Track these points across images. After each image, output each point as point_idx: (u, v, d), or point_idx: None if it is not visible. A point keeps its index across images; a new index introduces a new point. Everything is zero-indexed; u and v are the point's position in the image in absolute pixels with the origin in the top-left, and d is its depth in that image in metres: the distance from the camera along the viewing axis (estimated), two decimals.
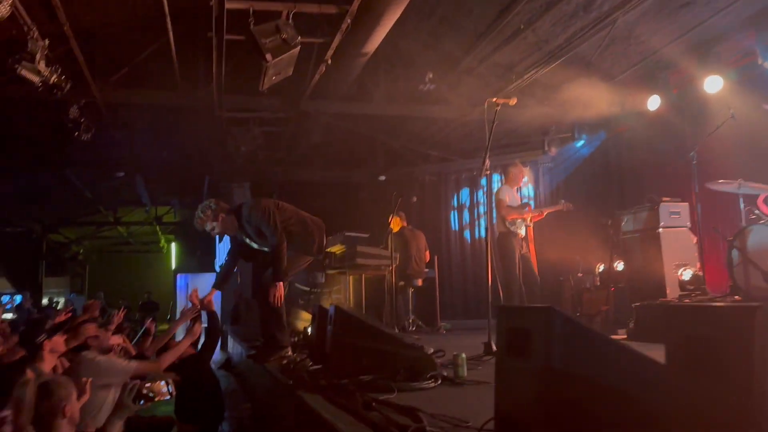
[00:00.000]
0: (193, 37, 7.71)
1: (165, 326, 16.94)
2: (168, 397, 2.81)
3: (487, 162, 5.05)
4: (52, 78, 6.98)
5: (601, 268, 8.52)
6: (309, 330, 6.32)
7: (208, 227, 5.12)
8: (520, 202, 7.46)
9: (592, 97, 8.50)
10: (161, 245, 23.71)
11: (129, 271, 23.80)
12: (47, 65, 6.82)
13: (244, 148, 9.48)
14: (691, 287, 6.47)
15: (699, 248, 6.54)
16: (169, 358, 4.75)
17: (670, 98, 8.27)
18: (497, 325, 2.08)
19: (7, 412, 2.79)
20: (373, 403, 2.93)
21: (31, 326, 5.45)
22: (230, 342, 11.17)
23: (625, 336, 6.31)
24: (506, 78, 8.57)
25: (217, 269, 18.37)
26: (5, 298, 24.95)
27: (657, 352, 2.00)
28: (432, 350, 4.88)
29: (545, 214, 7.58)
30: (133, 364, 4.36)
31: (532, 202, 9.93)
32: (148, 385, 2.75)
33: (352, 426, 2.64)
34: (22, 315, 12.19)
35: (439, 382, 3.63)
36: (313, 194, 14.00)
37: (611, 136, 9.89)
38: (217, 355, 12.04)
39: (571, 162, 10.60)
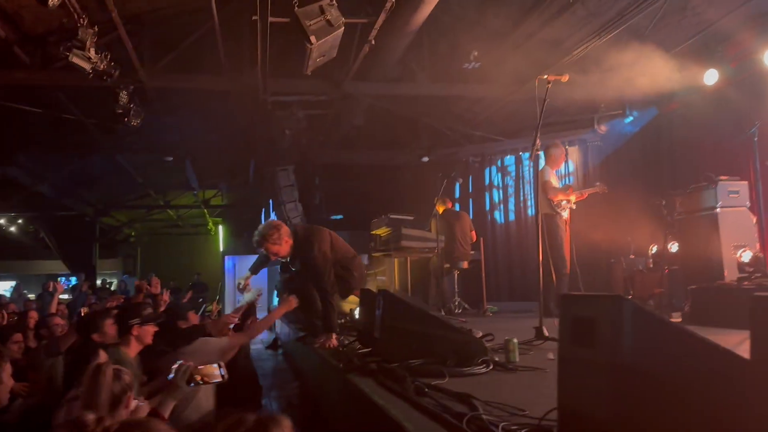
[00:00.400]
0: (238, 20, 7.73)
1: (210, 307, 17.37)
2: (220, 380, 2.82)
3: (538, 142, 4.89)
4: (102, 65, 7.13)
5: (654, 249, 8.25)
6: (356, 312, 6.33)
7: (272, 251, 4.94)
8: (559, 185, 7.31)
9: (644, 73, 8.16)
10: (209, 228, 24.19)
11: (179, 252, 24.36)
12: (97, 52, 6.97)
13: (288, 131, 9.51)
14: (751, 269, 6.18)
15: (759, 229, 6.26)
16: (261, 327, 4.93)
17: (728, 72, 7.88)
18: (560, 314, 2.00)
19: (76, 392, 2.87)
20: (426, 389, 2.89)
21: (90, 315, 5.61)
22: (278, 322, 11.33)
23: (680, 320, 6.12)
24: (554, 54, 8.30)
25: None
26: (62, 280, 26.02)
27: (718, 337, 1.90)
28: (481, 334, 4.82)
29: (586, 195, 7.42)
30: (225, 339, 4.47)
31: (570, 179, 9.72)
32: (200, 367, 2.76)
33: (405, 412, 2.61)
34: (79, 297, 12.62)
35: (491, 367, 3.57)
36: (356, 176, 14.04)
37: (664, 112, 9.51)
38: (265, 335, 12.29)
39: (621, 140, 10.25)
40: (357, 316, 6.07)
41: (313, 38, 6.07)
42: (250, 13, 6.94)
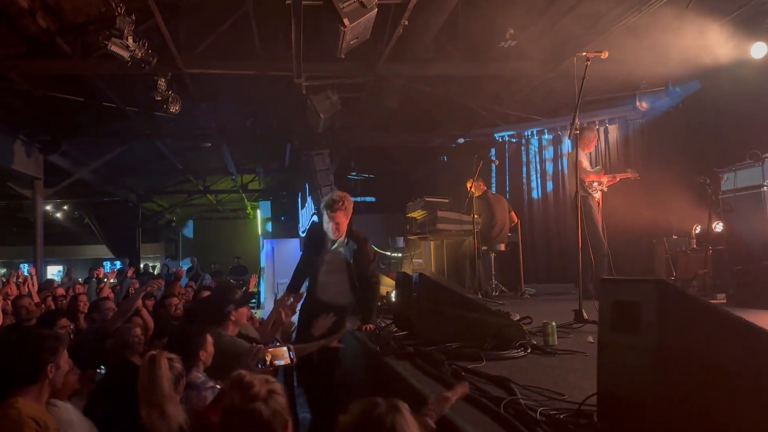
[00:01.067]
0: (272, 4, 7.73)
1: (254, 290, 17.68)
2: (289, 362, 2.85)
3: (577, 121, 4.78)
4: (140, 53, 7.24)
5: (697, 229, 8.02)
6: (392, 295, 6.35)
7: (331, 219, 4.70)
8: (591, 167, 7.18)
9: (687, 47, 7.88)
10: (248, 212, 24.53)
11: (219, 236, 24.80)
12: (134, 40, 7.08)
13: (323, 115, 9.51)
14: None
15: None
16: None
17: None
18: (600, 298, 1.96)
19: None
20: (463, 373, 2.89)
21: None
22: None
23: (725, 301, 5.96)
24: (593, 30, 8.07)
25: (301, 234, 18.87)
26: (107, 264, 26.82)
27: (763, 319, 1.83)
28: (519, 317, 4.79)
29: (618, 179, 7.30)
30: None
31: (609, 158, 9.51)
32: (271, 349, 2.79)
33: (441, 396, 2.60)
34: (125, 281, 12.96)
35: (529, 351, 3.54)
36: (391, 159, 14.01)
37: (709, 87, 9.18)
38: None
39: (664, 117, 9.94)
40: (393, 299, 6.08)
41: (346, 21, 6.03)
42: None
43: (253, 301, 15.63)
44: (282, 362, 2.83)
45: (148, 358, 2.71)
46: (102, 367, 3.65)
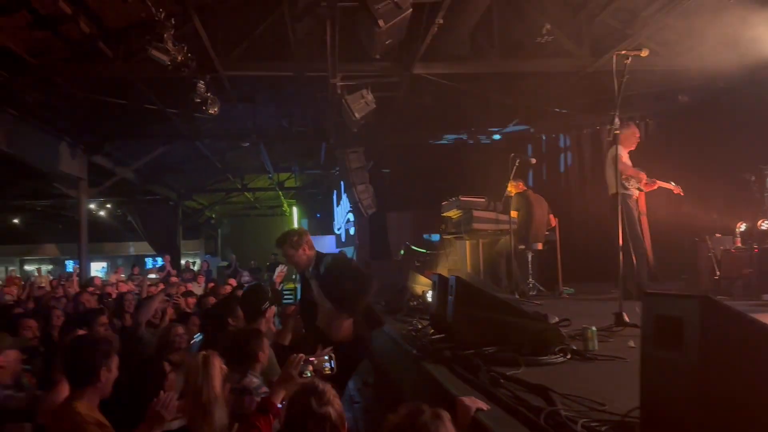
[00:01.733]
0: (307, 6, 7.78)
1: (291, 285, 17.87)
2: (329, 372, 2.87)
3: (617, 120, 4.69)
4: (180, 57, 7.38)
5: (742, 227, 7.78)
6: (428, 295, 6.35)
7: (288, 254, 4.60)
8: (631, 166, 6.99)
9: (731, 38, 7.62)
10: (284, 209, 24.81)
11: (256, 233, 25.13)
12: (174, 44, 7.22)
13: (357, 114, 9.54)
14: None
15: None
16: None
17: None
18: (643, 311, 1.93)
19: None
20: (501, 380, 2.87)
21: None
22: None
23: None
24: (632, 24, 7.90)
25: (336, 231, 19.01)
26: (148, 261, 27.49)
27: None
28: (557, 319, 4.73)
29: (657, 186, 7.08)
30: None
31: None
32: (311, 359, 2.83)
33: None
34: (166, 278, 13.28)
35: (568, 356, 3.49)
36: (426, 157, 13.96)
37: (754, 80, 8.87)
38: None
39: (706, 113, 9.66)
40: (429, 299, 6.08)
41: (381, 22, 6.04)
42: None
43: (290, 296, 15.81)
44: (323, 372, 2.86)
45: (202, 357, 2.74)
46: None
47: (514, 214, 7.60)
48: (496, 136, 11.89)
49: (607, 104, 9.94)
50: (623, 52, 4.63)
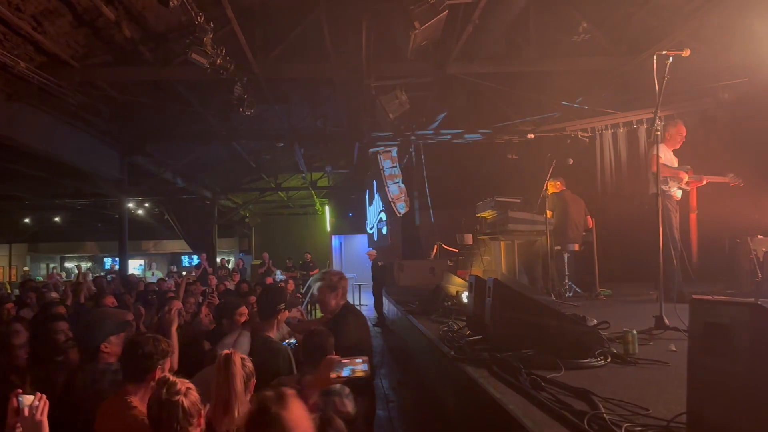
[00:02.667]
0: (342, 8, 7.85)
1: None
2: (363, 374, 2.91)
3: (658, 121, 4.62)
4: (218, 60, 7.52)
5: None
6: (463, 296, 6.34)
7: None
8: (676, 165, 6.81)
9: None
10: (317, 208, 25.02)
11: (289, 232, 25.41)
12: (213, 48, 7.36)
13: (391, 114, 9.58)
14: None
15: None
16: None
17: None
18: (690, 317, 1.92)
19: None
20: (542, 383, 2.87)
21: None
22: (386, 302, 11.61)
23: None
24: (672, 22, 7.76)
25: (368, 230, 19.10)
26: (184, 258, 27.99)
27: None
28: (595, 322, 4.69)
29: (705, 182, 6.85)
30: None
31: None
32: (345, 360, 2.87)
33: (523, 407, 2.60)
34: (203, 276, 13.50)
35: (609, 360, 3.47)
36: (461, 156, 13.93)
37: None
38: (371, 312, 12.66)
39: (745, 111, 9.40)
40: (465, 300, 6.08)
41: (417, 23, 6.06)
42: (355, 0, 7.04)
43: None
44: (359, 374, 2.89)
45: (223, 357, 2.80)
46: None
47: (549, 214, 7.53)
48: (530, 135, 11.77)
49: (645, 102, 9.79)
50: (664, 52, 4.56)
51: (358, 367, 2.82)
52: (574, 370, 3.25)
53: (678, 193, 6.73)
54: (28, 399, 2.09)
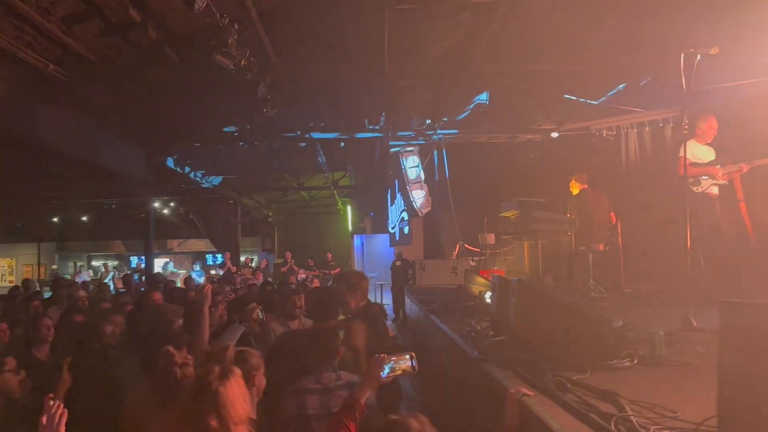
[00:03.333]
0: (365, 8, 7.85)
1: None
2: (411, 370, 2.92)
3: (686, 120, 4.55)
4: (242, 61, 7.59)
5: None
6: (486, 297, 6.32)
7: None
8: (713, 157, 6.64)
9: None
10: (339, 207, 25.10)
11: (311, 231, 25.53)
12: (237, 49, 7.43)
13: (413, 114, 9.58)
14: None
15: None
16: None
17: None
18: (720, 319, 1.89)
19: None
20: (568, 385, 2.85)
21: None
22: (407, 302, 11.61)
23: None
24: (702, 20, 7.62)
25: (390, 230, 19.11)
26: (208, 257, 28.30)
27: None
28: (621, 323, 4.64)
29: (746, 169, 6.54)
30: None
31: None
32: (394, 359, 2.88)
33: (549, 409, 2.59)
34: (227, 274, 13.68)
35: (635, 361, 3.43)
36: (483, 156, 13.85)
37: None
38: (391, 311, 12.70)
39: None
40: (488, 301, 6.06)
41: (440, 22, 6.05)
42: (377, 0, 7.04)
43: None
44: (405, 371, 2.90)
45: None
46: None
47: (571, 214, 7.47)
48: (555, 134, 11.67)
49: (669, 101, 9.64)
50: (692, 50, 4.49)
51: (407, 363, 2.84)
52: (599, 372, 3.22)
53: (714, 189, 6.56)
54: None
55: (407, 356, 2.86)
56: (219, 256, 22.43)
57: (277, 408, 3.01)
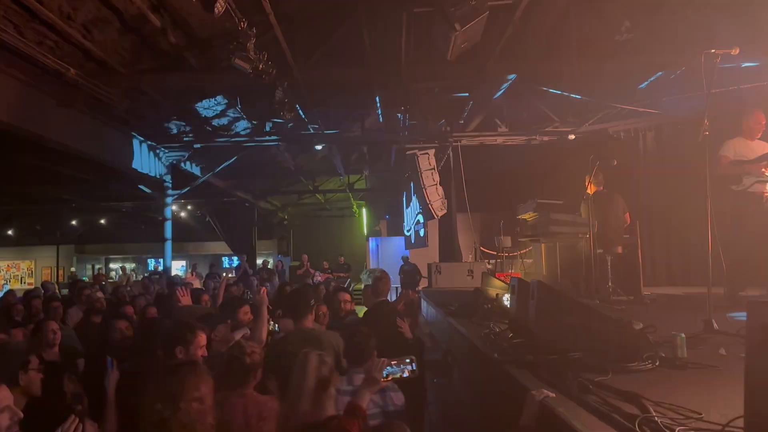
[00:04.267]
0: (382, 11, 7.89)
1: (359, 285, 18.09)
2: (411, 374, 2.93)
3: (706, 122, 4.51)
4: (261, 65, 7.65)
5: None
6: (504, 299, 6.29)
7: None
8: (760, 153, 6.43)
9: None
10: (354, 210, 25.16)
11: (327, 234, 25.62)
12: (255, 53, 7.49)
13: (430, 116, 9.60)
14: None
15: None
16: None
17: None
18: (748, 319, 1.88)
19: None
20: (590, 386, 2.84)
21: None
22: (424, 304, 11.59)
23: None
24: (720, 21, 7.56)
25: (405, 233, 19.13)
26: (224, 260, 28.47)
27: None
28: (641, 325, 4.61)
29: None
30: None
31: None
32: (394, 362, 2.89)
33: (571, 410, 2.58)
34: (243, 276, 13.73)
35: (657, 363, 3.40)
36: (499, 158, 13.84)
37: None
38: None
39: None
40: (505, 303, 6.03)
41: (457, 25, 6.06)
42: (394, 4, 7.07)
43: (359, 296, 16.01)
44: (404, 375, 2.90)
45: (303, 353, 2.85)
46: None
47: (586, 216, 7.40)
48: (572, 136, 11.63)
49: (690, 100, 9.55)
50: (713, 51, 4.46)
51: (406, 367, 2.84)
52: (621, 374, 3.20)
53: (759, 187, 6.31)
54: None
55: (408, 359, 2.87)
56: (235, 258, 22.56)
57: None
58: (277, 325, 4.64)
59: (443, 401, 6.15)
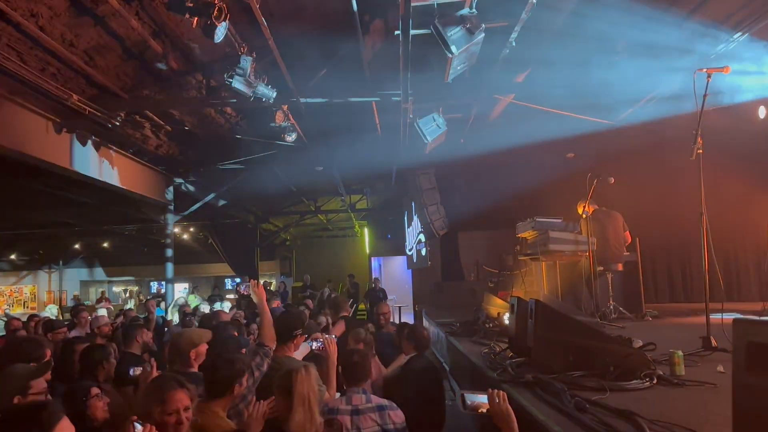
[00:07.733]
0: (381, 33, 8.00)
1: (362, 306, 18.05)
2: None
3: (699, 140, 4.57)
4: (261, 88, 7.76)
5: None
6: (505, 318, 6.30)
7: None
8: None
9: None
10: (356, 230, 25.18)
11: (329, 254, 25.62)
12: (256, 77, 7.61)
13: (429, 137, 9.66)
14: None
15: None
16: None
17: None
18: (733, 338, 1.90)
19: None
20: (586, 405, 2.85)
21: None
22: (425, 324, 11.57)
23: None
24: (712, 40, 7.64)
25: (407, 252, 19.14)
26: (227, 281, 28.46)
27: None
28: (641, 343, 4.62)
29: None
30: None
31: None
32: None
33: (567, 429, 2.59)
34: (242, 300, 13.72)
35: (655, 381, 3.42)
36: (499, 176, 13.86)
37: None
38: None
39: None
40: (507, 322, 6.04)
41: (454, 48, 6.14)
42: (393, 27, 7.17)
43: (363, 316, 16.01)
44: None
45: (300, 368, 2.91)
46: None
47: (586, 235, 7.42)
48: (570, 154, 11.67)
49: (690, 119, 9.58)
50: (704, 70, 4.52)
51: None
52: (619, 392, 3.21)
53: None
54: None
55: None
56: (238, 279, 22.55)
57: None
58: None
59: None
